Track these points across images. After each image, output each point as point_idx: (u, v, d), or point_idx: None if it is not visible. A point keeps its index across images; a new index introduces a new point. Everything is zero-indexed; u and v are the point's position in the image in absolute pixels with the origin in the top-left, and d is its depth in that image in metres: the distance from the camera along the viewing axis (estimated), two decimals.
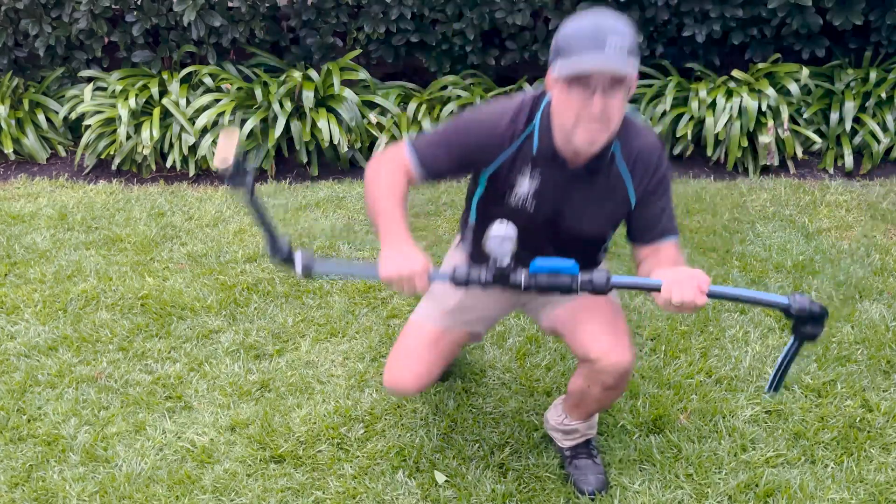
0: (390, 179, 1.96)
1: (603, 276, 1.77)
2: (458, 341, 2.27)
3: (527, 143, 1.98)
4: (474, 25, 4.82)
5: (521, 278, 1.79)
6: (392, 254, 1.81)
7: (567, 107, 1.80)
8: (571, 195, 2.00)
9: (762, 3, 4.63)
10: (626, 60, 1.72)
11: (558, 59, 1.79)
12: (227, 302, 3.30)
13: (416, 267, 1.77)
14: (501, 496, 2.28)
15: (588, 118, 1.78)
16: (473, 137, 1.99)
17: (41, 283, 3.47)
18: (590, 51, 1.70)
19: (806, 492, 2.25)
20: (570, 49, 1.74)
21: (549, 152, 1.95)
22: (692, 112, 4.63)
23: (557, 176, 1.98)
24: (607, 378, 2.08)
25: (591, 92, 1.74)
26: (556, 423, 2.35)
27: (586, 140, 1.83)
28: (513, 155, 1.98)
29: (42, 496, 2.33)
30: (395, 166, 1.99)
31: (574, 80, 1.75)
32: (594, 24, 1.73)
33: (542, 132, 1.95)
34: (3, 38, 5.03)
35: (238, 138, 1.78)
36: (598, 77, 1.73)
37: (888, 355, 2.84)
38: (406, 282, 1.78)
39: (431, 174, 2.01)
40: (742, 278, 3.39)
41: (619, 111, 1.81)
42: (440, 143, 2.01)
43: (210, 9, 4.84)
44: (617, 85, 1.74)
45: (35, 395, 2.75)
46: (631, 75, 1.75)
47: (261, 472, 2.40)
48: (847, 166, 4.52)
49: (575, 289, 1.78)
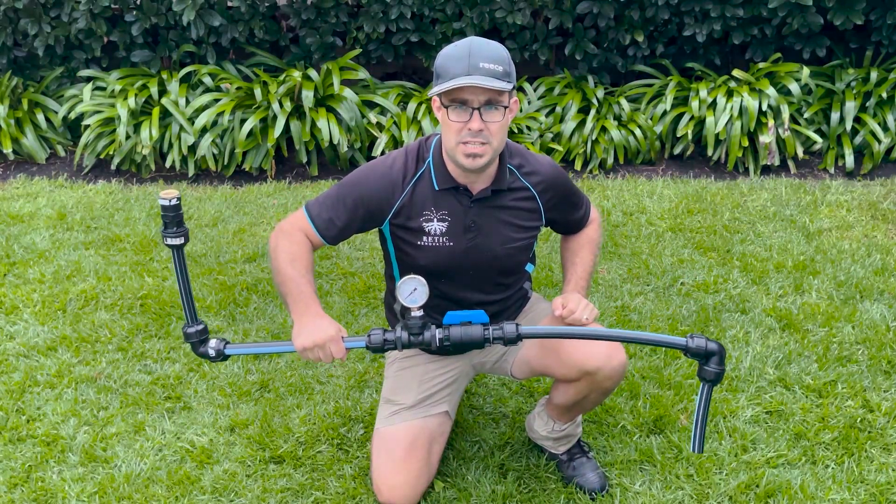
0: (291, 250, 2.00)
1: (512, 328, 1.83)
2: (434, 430, 2.21)
3: (423, 182, 2.03)
4: (474, 25, 4.82)
5: (436, 333, 1.84)
6: (303, 326, 1.88)
7: (449, 128, 1.89)
8: (484, 220, 2.04)
9: (763, 2, 4.63)
10: (499, 80, 1.81)
11: (436, 83, 1.88)
12: (226, 302, 3.29)
13: (330, 332, 1.85)
14: (501, 496, 2.28)
15: (468, 136, 1.86)
16: (366, 188, 2.03)
17: (40, 283, 3.46)
18: (463, 71, 1.81)
19: (807, 492, 2.25)
20: (446, 72, 1.84)
21: (449, 185, 2.01)
22: (692, 112, 4.63)
23: (465, 206, 2.02)
24: (609, 382, 2.07)
25: (470, 112, 1.84)
26: (547, 433, 2.32)
27: (468, 153, 1.89)
28: (410, 196, 2.02)
29: (41, 496, 2.32)
30: (295, 235, 2.03)
31: (453, 102, 1.85)
32: (467, 47, 1.85)
33: (438, 168, 2.02)
34: (2, 38, 5.03)
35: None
36: (474, 97, 1.83)
37: (889, 355, 2.83)
38: (321, 350, 1.85)
39: (331, 235, 2.05)
40: (743, 278, 3.38)
41: (500, 130, 1.89)
42: (335, 203, 2.04)
43: (209, 8, 4.84)
44: (494, 104, 1.84)
45: (34, 396, 2.74)
46: (505, 92, 1.85)
47: (260, 473, 2.39)
48: (848, 166, 4.52)
49: (488, 339, 1.83)
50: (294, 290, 1.94)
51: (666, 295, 3.29)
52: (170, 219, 1.80)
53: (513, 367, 2.27)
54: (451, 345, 1.84)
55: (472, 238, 2.04)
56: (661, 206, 4.14)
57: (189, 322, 1.93)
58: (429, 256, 2.04)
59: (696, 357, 1.81)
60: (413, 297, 1.83)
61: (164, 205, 1.79)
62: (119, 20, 5.03)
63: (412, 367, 2.25)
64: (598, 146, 4.64)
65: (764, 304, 3.18)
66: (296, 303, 1.93)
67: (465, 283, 2.10)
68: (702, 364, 1.81)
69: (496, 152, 1.93)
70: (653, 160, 4.79)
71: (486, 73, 1.81)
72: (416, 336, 1.84)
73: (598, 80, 5.06)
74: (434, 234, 2.03)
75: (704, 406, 1.86)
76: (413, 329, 1.84)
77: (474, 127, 1.85)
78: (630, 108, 4.82)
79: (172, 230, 1.81)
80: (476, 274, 2.09)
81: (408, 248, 2.07)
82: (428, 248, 2.04)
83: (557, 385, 2.19)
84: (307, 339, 1.85)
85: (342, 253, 3.69)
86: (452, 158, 1.94)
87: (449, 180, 2.00)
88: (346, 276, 3.51)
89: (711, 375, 1.81)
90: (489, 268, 2.09)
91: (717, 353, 1.79)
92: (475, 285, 2.11)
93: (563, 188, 2.13)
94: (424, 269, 2.02)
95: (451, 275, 2.07)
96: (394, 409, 2.22)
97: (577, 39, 4.94)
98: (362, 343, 1.87)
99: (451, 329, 1.84)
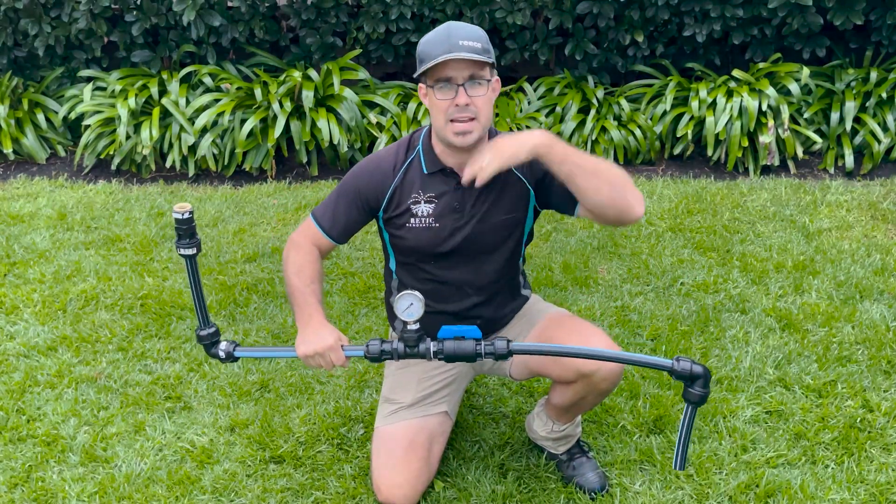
0: (298, 260, 2.11)
1: (503, 343, 1.88)
2: (433, 430, 2.22)
3: (413, 167, 2.10)
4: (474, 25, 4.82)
5: (430, 346, 1.91)
6: (305, 335, 1.98)
7: (437, 108, 1.95)
8: (471, 202, 2.08)
9: (763, 2, 4.63)
10: (479, 55, 1.88)
11: (420, 66, 1.94)
12: (226, 302, 3.29)
13: (329, 342, 1.94)
14: (501, 496, 2.28)
15: (456, 112, 1.92)
16: (361, 179, 2.12)
17: (40, 283, 3.46)
18: (445, 50, 1.88)
19: (807, 492, 2.25)
20: (427, 55, 1.91)
21: (437, 167, 2.07)
22: (692, 112, 4.63)
23: (452, 187, 2.07)
24: (605, 384, 2.07)
25: (455, 89, 1.90)
26: (546, 434, 2.33)
27: (458, 132, 1.94)
28: (400, 181, 2.10)
29: (41, 496, 2.32)
30: (303, 245, 2.14)
31: (438, 82, 1.91)
32: (445, 29, 1.93)
33: (426, 153, 2.09)
34: (2, 38, 5.03)
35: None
36: (457, 73, 1.89)
37: (889, 355, 2.83)
38: (322, 357, 1.95)
39: (338, 233, 2.15)
40: (743, 278, 3.38)
41: (486, 105, 1.95)
42: (335, 201, 2.15)
43: (209, 8, 4.84)
44: (477, 79, 1.91)
45: (34, 396, 2.75)
46: (487, 67, 1.91)
47: (260, 473, 2.40)
48: (847, 166, 4.52)
49: (480, 354, 1.88)
50: (299, 300, 2.05)
51: (666, 295, 3.29)
52: (183, 231, 1.89)
53: (511, 368, 2.28)
54: (444, 357, 1.91)
55: (458, 219, 2.08)
56: (660, 206, 4.14)
57: (202, 325, 2.02)
58: (417, 237, 2.10)
59: (681, 379, 1.83)
60: (409, 311, 1.89)
61: (178, 218, 1.87)
62: (119, 20, 5.03)
63: (411, 366, 2.26)
64: (598, 146, 4.65)
65: (764, 304, 3.18)
66: (300, 312, 2.04)
67: (453, 264, 2.13)
68: (687, 386, 1.84)
69: (484, 129, 1.97)
70: (653, 160, 4.79)
71: (466, 49, 1.88)
72: (412, 348, 1.92)
73: (598, 81, 5.06)
74: (421, 215, 2.09)
75: (688, 425, 1.89)
76: (409, 342, 1.92)
77: (461, 101, 1.90)
78: (630, 108, 4.82)
79: (186, 241, 1.90)
80: (464, 255, 2.12)
81: (397, 232, 2.13)
82: (415, 228, 2.10)
83: (555, 386, 2.19)
84: (308, 348, 1.95)
85: (342, 253, 3.70)
86: (442, 139, 2.00)
87: (437, 163, 2.07)
88: (346, 276, 3.52)
89: (695, 398, 1.84)
90: (477, 250, 2.12)
91: (701, 376, 1.82)
92: (464, 268, 2.13)
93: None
94: (414, 250, 2.12)
95: (439, 256, 2.11)
96: (393, 407, 2.23)
97: (577, 39, 4.94)
98: (361, 352, 1.96)
99: (444, 343, 1.91)
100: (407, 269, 2.19)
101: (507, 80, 5.08)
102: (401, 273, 2.22)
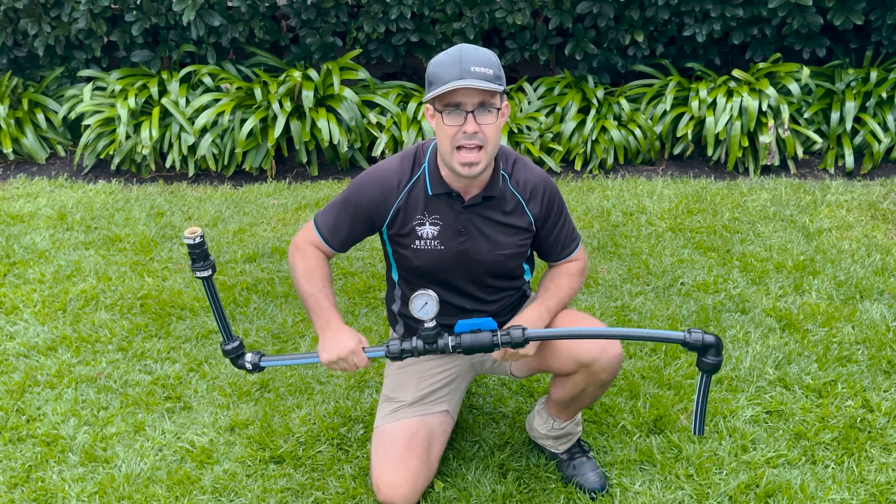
0: (305, 265, 2.12)
1: (519, 332, 1.93)
2: (433, 429, 2.22)
3: (418, 187, 2.08)
4: (474, 25, 4.82)
5: (448, 341, 1.96)
6: (326, 340, 2.01)
7: (444, 133, 1.92)
8: (475, 226, 2.08)
9: (763, 2, 4.63)
10: (490, 82, 1.85)
11: (429, 90, 1.91)
12: (226, 302, 3.29)
13: (351, 346, 1.98)
14: (501, 496, 2.28)
15: (464, 139, 1.89)
16: (365, 195, 2.10)
17: (40, 283, 3.46)
18: (456, 76, 1.85)
19: (807, 492, 2.25)
20: (438, 79, 1.88)
21: (442, 190, 2.05)
22: (692, 112, 4.63)
23: (457, 211, 2.07)
24: (605, 374, 2.09)
25: (464, 116, 1.88)
26: (547, 431, 2.32)
27: (464, 162, 1.92)
28: (406, 200, 2.08)
29: (41, 496, 2.32)
30: (307, 249, 2.14)
31: (447, 106, 1.88)
32: (458, 53, 1.89)
33: (432, 174, 2.06)
34: (2, 38, 5.03)
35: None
36: (467, 99, 1.86)
37: (889, 355, 2.83)
38: (346, 361, 1.99)
39: (338, 243, 2.16)
40: (743, 278, 3.38)
41: (494, 133, 1.92)
42: (338, 213, 2.13)
43: (209, 8, 4.84)
44: (487, 106, 1.88)
45: (34, 396, 2.74)
46: (497, 95, 1.89)
47: (260, 473, 2.40)
48: (848, 166, 4.51)
49: (497, 344, 1.93)
50: (314, 306, 2.07)
51: (666, 295, 3.29)
52: (196, 255, 1.92)
53: (512, 365, 2.28)
54: (463, 350, 1.95)
55: (463, 242, 2.08)
56: (660, 206, 4.14)
57: (225, 340, 2.07)
58: (421, 258, 2.10)
59: (694, 349, 1.89)
60: (425, 309, 1.94)
61: (190, 243, 1.89)
62: (119, 20, 5.03)
63: (411, 365, 2.26)
64: (598, 146, 4.64)
65: (764, 304, 3.18)
66: (317, 318, 2.06)
67: (458, 285, 2.14)
68: (700, 356, 1.90)
69: (491, 157, 1.96)
70: (653, 160, 4.79)
71: (477, 76, 1.85)
72: (431, 344, 1.96)
73: (598, 80, 5.06)
74: (426, 237, 2.08)
75: (704, 393, 1.95)
76: (428, 339, 1.96)
77: (469, 129, 1.88)
78: (630, 108, 4.82)
79: (200, 264, 1.93)
80: (467, 277, 2.13)
81: (402, 250, 2.13)
82: (420, 250, 2.09)
83: (555, 380, 2.20)
84: (332, 354, 1.98)
85: (342, 253, 3.69)
86: (448, 165, 1.98)
87: (443, 185, 2.05)
88: (346, 276, 3.51)
89: (708, 366, 1.90)
90: (480, 272, 2.13)
91: (714, 345, 1.87)
92: (468, 288, 2.15)
93: (553, 201, 2.14)
94: (418, 269, 2.12)
95: (444, 277, 2.12)
96: (393, 406, 2.24)
97: (577, 39, 4.94)
98: (382, 352, 2.00)
99: (462, 336, 1.95)
100: (410, 286, 2.19)
101: (508, 80, 5.07)
102: (403, 286, 2.23)
